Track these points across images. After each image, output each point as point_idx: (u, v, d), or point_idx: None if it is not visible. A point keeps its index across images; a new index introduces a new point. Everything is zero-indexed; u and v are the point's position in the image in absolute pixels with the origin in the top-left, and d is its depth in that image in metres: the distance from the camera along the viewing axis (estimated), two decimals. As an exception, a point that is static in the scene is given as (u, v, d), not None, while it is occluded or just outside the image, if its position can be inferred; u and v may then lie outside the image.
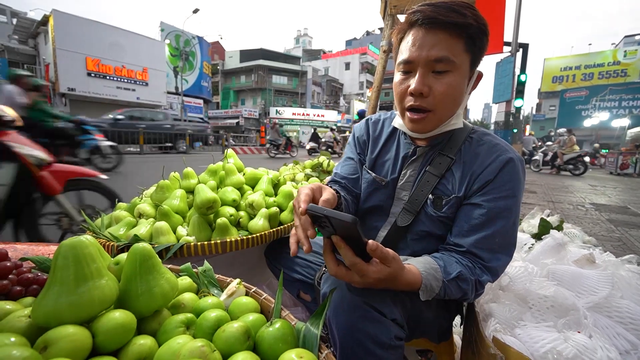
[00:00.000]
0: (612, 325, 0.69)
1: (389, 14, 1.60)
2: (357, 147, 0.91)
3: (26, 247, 0.94)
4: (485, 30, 0.65)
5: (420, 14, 0.64)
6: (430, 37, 0.64)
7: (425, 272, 0.60)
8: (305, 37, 53.20)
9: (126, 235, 1.00)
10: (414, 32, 0.66)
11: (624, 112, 20.70)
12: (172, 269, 0.72)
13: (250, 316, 0.55)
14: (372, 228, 0.83)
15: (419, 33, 0.65)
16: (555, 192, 5.63)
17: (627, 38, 28.93)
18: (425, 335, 0.77)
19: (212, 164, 1.30)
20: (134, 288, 0.50)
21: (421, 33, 0.64)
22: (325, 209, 0.49)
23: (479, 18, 0.64)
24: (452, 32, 0.63)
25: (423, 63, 0.65)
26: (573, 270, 0.85)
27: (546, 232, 1.26)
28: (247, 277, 1.19)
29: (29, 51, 18.97)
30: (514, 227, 0.68)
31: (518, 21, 5.26)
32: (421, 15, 0.64)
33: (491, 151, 0.70)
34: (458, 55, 0.64)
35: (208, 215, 1.05)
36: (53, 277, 0.43)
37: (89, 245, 0.46)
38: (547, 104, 29.23)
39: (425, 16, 0.63)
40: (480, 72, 0.71)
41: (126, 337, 0.46)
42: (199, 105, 26.06)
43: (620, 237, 2.85)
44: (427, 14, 0.63)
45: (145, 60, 19.79)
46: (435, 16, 0.62)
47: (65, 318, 0.42)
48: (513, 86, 5.26)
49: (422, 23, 0.64)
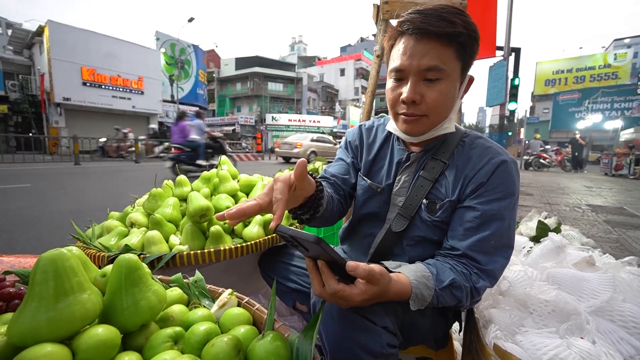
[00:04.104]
0: (616, 330, 0.67)
1: (382, 19, 1.61)
2: (349, 151, 0.91)
3: (13, 260, 0.91)
4: (476, 36, 0.65)
5: (410, 24, 0.63)
6: (420, 46, 0.64)
7: (415, 281, 0.58)
8: (300, 44, 53.73)
9: (117, 245, 0.97)
10: (405, 41, 0.66)
11: (616, 114, 20.99)
12: (162, 280, 0.70)
13: (241, 328, 0.53)
14: (368, 235, 0.82)
15: (410, 42, 0.65)
16: (552, 194, 5.65)
17: (616, 41, 29.52)
18: (422, 342, 0.75)
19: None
20: (119, 301, 0.48)
21: (412, 42, 0.64)
22: (290, 229, 0.47)
23: (469, 25, 0.63)
24: (442, 41, 0.63)
25: (414, 72, 0.65)
26: (573, 273, 0.83)
27: (544, 235, 1.24)
28: (242, 285, 1.17)
29: (24, 62, 18.93)
30: (510, 229, 0.67)
31: (510, 25, 5.34)
32: (411, 25, 0.63)
33: (483, 154, 0.70)
34: (449, 63, 0.64)
35: (201, 224, 1.03)
36: (31, 292, 0.41)
37: (70, 258, 0.44)
38: (540, 106, 29.58)
39: (415, 27, 0.63)
40: (471, 77, 0.71)
41: (109, 355, 0.43)
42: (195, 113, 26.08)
43: (617, 239, 2.85)
44: (417, 24, 0.63)
45: (141, 69, 19.82)
46: (426, 27, 0.62)
47: (44, 336, 0.39)
48: (506, 89, 5.31)
49: (413, 32, 0.64)
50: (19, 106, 17.70)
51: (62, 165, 9.72)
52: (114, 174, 7.61)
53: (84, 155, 11.45)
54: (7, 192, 4.58)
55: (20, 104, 17.66)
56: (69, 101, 16.72)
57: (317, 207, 0.68)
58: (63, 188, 5.15)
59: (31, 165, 9.49)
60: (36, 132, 17.30)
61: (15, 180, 5.88)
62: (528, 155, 12.83)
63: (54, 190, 4.87)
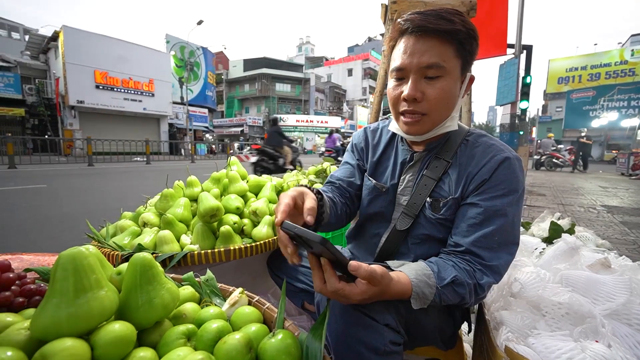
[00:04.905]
0: (632, 334, 0.66)
1: (390, 19, 1.60)
2: (355, 154, 0.93)
3: (32, 258, 0.94)
4: (474, 35, 0.66)
5: (410, 23, 0.65)
6: (420, 44, 0.65)
7: (416, 280, 0.58)
8: (308, 45, 53.82)
9: (130, 244, 0.99)
10: (405, 40, 0.68)
11: (633, 112, 20.33)
12: (174, 279, 0.71)
13: (252, 327, 0.54)
14: (374, 235, 0.83)
15: (410, 41, 0.66)
16: (565, 195, 5.52)
17: (634, 37, 28.58)
18: (429, 342, 0.74)
19: (215, 172, 1.30)
20: (134, 299, 0.49)
21: (412, 41, 0.66)
22: (296, 227, 0.47)
23: (467, 24, 0.65)
24: (442, 38, 0.64)
25: (415, 69, 0.66)
26: (588, 275, 0.81)
27: (557, 236, 1.22)
28: (252, 285, 1.18)
29: (41, 66, 19.53)
30: (514, 225, 0.67)
31: (521, 23, 5.23)
32: (411, 24, 0.65)
33: (486, 152, 0.70)
34: (449, 61, 0.65)
35: (212, 224, 1.04)
36: (52, 288, 0.43)
37: (88, 256, 0.45)
38: (553, 105, 28.90)
39: (415, 25, 0.65)
40: (472, 76, 0.72)
41: (126, 350, 0.45)
42: (204, 115, 26.42)
43: (635, 240, 2.77)
44: (416, 22, 0.65)
45: (151, 72, 20.23)
46: (425, 24, 0.64)
47: (64, 330, 0.41)
48: (517, 88, 5.21)
49: (413, 31, 0.65)
50: (35, 109, 18.28)
51: (76, 167, 9.98)
52: (125, 174, 7.76)
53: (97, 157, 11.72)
54: (23, 192, 4.72)
55: (37, 107, 18.23)
56: (83, 104, 17.19)
57: (321, 215, 0.71)
58: (77, 188, 5.29)
59: (47, 166, 9.77)
60: (52, 134, 17.82)
61: (32, 181, 6.07)
62: (539, 155, 12.54)
63: (68, 191, 5.01)
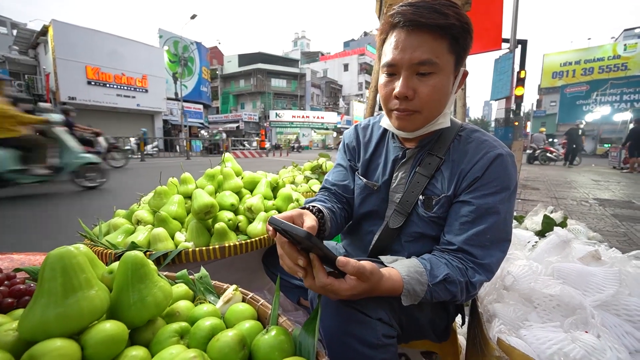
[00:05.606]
0: (621, 324, 0.67)
1: (385, 13, 1.59)
2: (347, 154, 0.91)
3: (23, 257, 0.93)
4: (469, 29, 0.63)
5: (402, 16, 0.62)
6: (412, 39, 0.62)
7: (407, 277, 0.58)
8: (303, 40, 53.39)
9: (124, 242, 0.99)
10: (397, 34, 0.64)
11: (625, 106, 20.53)
12: (168, 276, 0.71)
13: (246, 324, 0.54)
14: (368, 232, 0.83)
15: (401, 35, 0.63)
16: (559, 188, 5.58)
17: (626, 31, 28.77)
18: (424, 335, 0.75)
19: (210, 168, 1.29)
20: (126, 298, 0.49)
21: (403, 35, 0.63)
22: (282, 222, 0.50)
23: (461, 17, 0.62)
24: (435, 33, 0.61)
25: (407, 66, 0.63)
26: (579, 267, 0.82)
27: (550, 229, 1.24)
28: (247, 281, 1.18)
29: (30, 61, 19.12)
30: (506, 223, 0.67)
31: (516, 17, 5.24)
32: (402, 18, 0.61)
33: (479, 148, 0.69)
34: (442, 57, 0.62)
35: (206, 221, 1.04)
36: (40, 288, 0.42)
37: (77, 255, 0.45)
38: (547, 99, 29.07)
39: (407, 19, 0.61)
40: (465, 71, 0.70)
41: (117, 349, 0.44)
42: (199, 111, 26.14)
43: (625, 232, 2.82)
44: (408, 16, 0.61)
45: (145, 67, 19.90)
46: (417, 18, 0.60)
47: (53, 331, 0.40)
48: (512, 82, 5.22)
49: (404, 25, 0.62)
50: (25, 106, 17.91)
51: (69, 164, 9.82)
52: (118, 171, 7.68)
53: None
54: (15, 191, 4.65)
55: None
56: (75, 100, 16.86)
57: (323, 233, 0.72)
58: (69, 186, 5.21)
59: (39, 164, 9.60)
60: (43, 132, 17.50)
61: (24, 179, 5.96)
62: (531, 149, 12.66)
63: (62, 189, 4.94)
